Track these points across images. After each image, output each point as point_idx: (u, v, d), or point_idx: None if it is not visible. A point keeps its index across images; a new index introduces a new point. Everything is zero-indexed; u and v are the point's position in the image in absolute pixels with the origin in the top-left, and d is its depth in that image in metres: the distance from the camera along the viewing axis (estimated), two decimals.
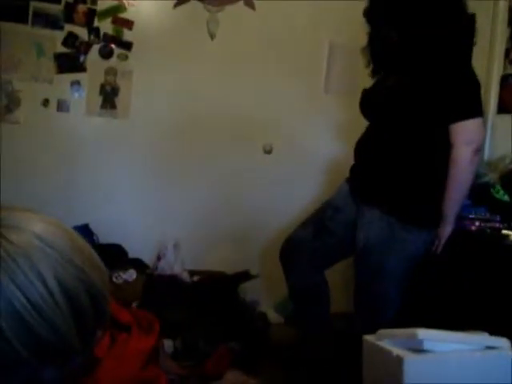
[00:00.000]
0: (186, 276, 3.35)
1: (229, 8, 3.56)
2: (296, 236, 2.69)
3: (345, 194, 2.58)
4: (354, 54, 2.60)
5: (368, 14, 2.42)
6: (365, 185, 2.47)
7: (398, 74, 2.39)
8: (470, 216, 2.73)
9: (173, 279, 3.29)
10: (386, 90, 2.41)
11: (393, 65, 2.42)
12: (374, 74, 2.52)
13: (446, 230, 2.38)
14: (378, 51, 2.45)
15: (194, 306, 3.06)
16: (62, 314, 0.75)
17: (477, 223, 2.70)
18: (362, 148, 2.51)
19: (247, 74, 3.64)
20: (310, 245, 2.62)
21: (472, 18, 2.37)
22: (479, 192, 2.81)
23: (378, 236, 2.35)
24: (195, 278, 3.37)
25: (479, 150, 2.29)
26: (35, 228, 0.78)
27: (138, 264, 3.37)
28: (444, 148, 2.27)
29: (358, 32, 2.55)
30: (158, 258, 3.41)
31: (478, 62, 2.63)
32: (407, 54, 2.33)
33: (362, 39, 2.52)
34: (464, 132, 2.23)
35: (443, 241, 2.39)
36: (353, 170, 2.59)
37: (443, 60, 2.26)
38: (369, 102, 2.50)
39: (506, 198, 2.81)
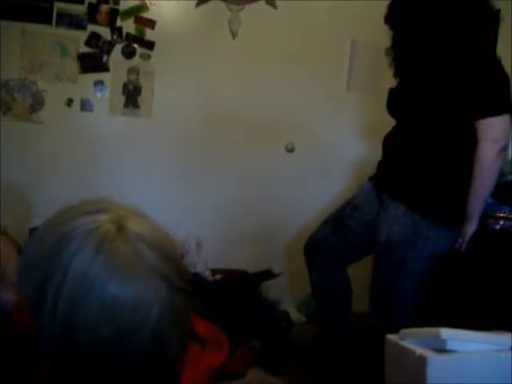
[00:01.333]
0: (208, 274, 3.35)
1: (250, 7, 3.56)
2: (317, 234, 2.70)
3: (366, 192, 2.58)
4: (377, 51, 2.58)
5: (388, 20, 2.41)
6: (391, 180, 2.45)
7: (421, 75, 2.37)
8: (494, 215, 2.70)
9: (195, 278, 3.29)
10: (413, 90, 2.39)
11: (416, 68, 2.40)
12: (397, 74, 2.51)
13: (470, 228, 2.35)
14: (402, 56, 2.44)
15: (216, 304, 3.06)
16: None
17: (501, 222, 2.67)
18: (390, 143, 2.50)
19: (269, 73, 3.63)
20: (328, 242, 2.63)
21: (493, 14, 2.34)
22: (503, 191, 2.78)
23: (402, 232, 2.34)
24: (217, 277, 3.37)
25: (505, 148, 2.26)
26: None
27: None
28: (471, 147, 2.25)
29: (380, 29, 2.52)
30: (181, 257, 3.42)
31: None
32: (430, 56, 2.31)
33: (384, 36, 2.50)
34: (490, 129, 2.20)
35: (467, 239, 2.37)
36: (380, 165, 2.58)
37: (468, 57, 2.24)
38: (396, 103, 2.49)
39: None
